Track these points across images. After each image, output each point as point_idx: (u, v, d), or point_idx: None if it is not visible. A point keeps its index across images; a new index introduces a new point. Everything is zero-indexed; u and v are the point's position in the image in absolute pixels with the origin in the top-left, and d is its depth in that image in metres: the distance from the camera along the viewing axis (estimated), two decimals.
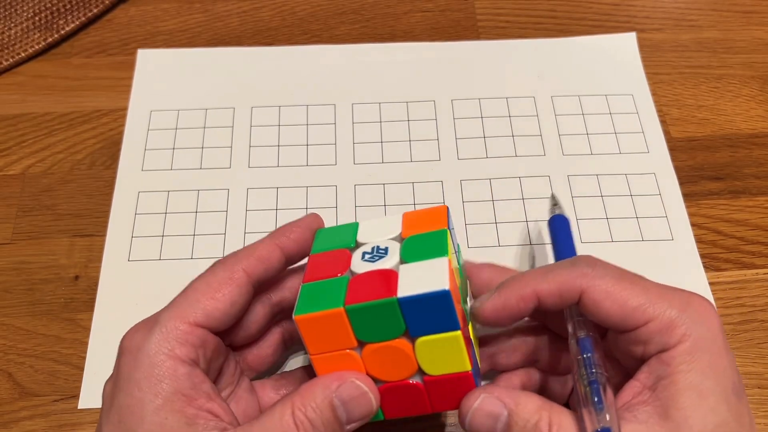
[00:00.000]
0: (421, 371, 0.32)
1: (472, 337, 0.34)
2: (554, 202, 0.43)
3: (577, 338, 0.32)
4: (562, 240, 0.41)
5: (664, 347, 0.30)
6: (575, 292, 0.31)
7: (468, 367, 0.32)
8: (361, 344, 0.32)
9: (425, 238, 0.34)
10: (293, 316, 0.31)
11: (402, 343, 0.31)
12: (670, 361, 0.30)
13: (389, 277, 0.31)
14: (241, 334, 0.36)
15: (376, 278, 0.32)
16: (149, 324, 0.32)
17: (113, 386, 0.31)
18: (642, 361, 0.31)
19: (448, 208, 0.36)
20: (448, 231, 0.34)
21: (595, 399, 0.29)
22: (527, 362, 0.37)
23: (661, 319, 0.30)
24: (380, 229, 0.35)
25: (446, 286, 0.30)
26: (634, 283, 0.31)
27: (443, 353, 0.31)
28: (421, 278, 0.31)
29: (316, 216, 0.37)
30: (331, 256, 0.34)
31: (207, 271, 0.34)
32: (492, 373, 0.38)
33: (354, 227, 0.36)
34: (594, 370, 0.31)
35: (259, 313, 0.36)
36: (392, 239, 0.34)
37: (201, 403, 0.30)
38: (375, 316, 0.31)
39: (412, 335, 0.31)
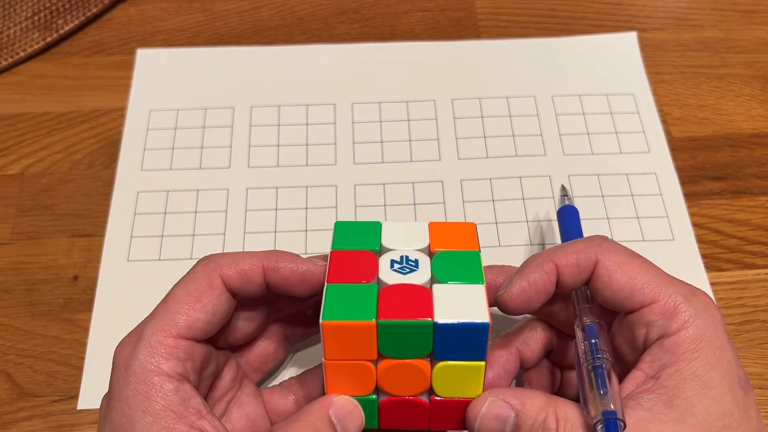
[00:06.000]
0: (430, 390, 0.32)
1: None
2: (564, 193, 0.43)
3: (582, 325, 0.33)
4: (571, 229, 0.40)
5: (666, 332, 0.30)
6: (591, 262, 0.32)
7: (480, 393, 0.32)
8: (380, 357, 0.31)
9: (457, 257, 0.33)
10: (320, 320, 0.30)
11: (422, 363, 0.31)
12: (674, 349, 0.30)
13: (423, 296, 0.31)
14: (236, 335, 0.35)
15: (408, 294, 0.31)
16: (134, 337, 0.31)
17: (107, 403, 0.31)
18: (643, 351, 0.31)
19: (476, 225, 0.35)
20: (481, 254, 0.33)
21: (599, 383, 0.30)
22: (546, 353, 0.37)
23: (666, 302, 0.31)
24: (406, 236, 0.34)
25: (486, 319, 0.30)
26: (645, 263, 0.32)
27: (461, 379, 0.31)
28: (459, 305, 0.30)
29: (319, 269, 0.33)
30: (356, 257, 0.33)
31: (188, 274, 0.33)
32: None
33: (377, 227, 0.35)
34: (599, 356, 0.31)
35: (254, 311, 0.35)
36: (420, 250, 0.34)
37: (191, 420, 0.30)
38: (405, 335, 0.30)
39: (435, 358, 0.31)
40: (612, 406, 0.28)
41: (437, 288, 0.32)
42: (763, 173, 0.48)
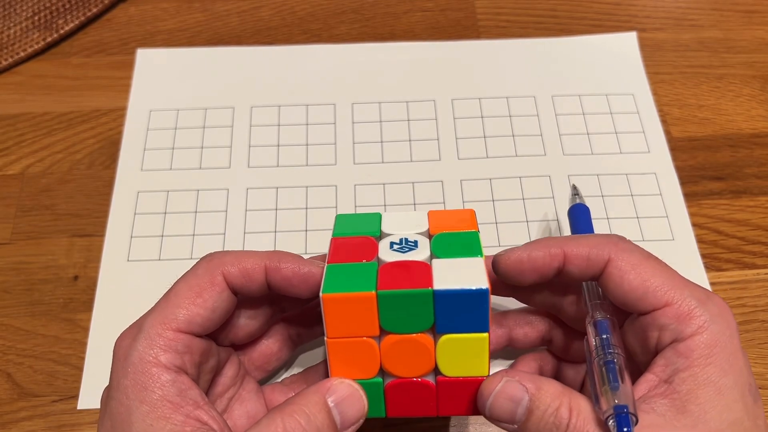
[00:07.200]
0: (436, 371, 0.32)
1: None
2: (575, 192, 0.43)
3: (594, 321, 0.32)
4: (582, 227, 0.40)
5: (680, 336, 0.30)
6: (602, 259, 0.32)
7: (486, 372, 0.31)
8: (383, 334, 0.31)
9: (456, 237, 0.33)
10: (320, 294, 0.30)
11: (424, 338, 0.31)
12: (689, 354, 0.30)
13: (423, 269, 0.31)
14: (238, 333, 0.35)
15: (408, 268, 0.31)
16: (135, 330, 0.31)
17: (107, 393, 0.31)
18: (655, 353, 0.31)
19: (474, 211, 0.35)
20: (479, 233, 0.34)
21: (611, 378, 0.29)
22: (542, 342, 0.37)
23: (680, 305, 0.30)
24: (406, 223, 0.35)
25: (485, 285, 0.30)
26: (661, 265, 0.32)
27: (465, 354, 0.31)
28: (458, 274, 0.31)
29: (320, 271, 0.33)
30: (356, 241, 0.33)
31: (191, 269, 0.33)
32: (507, 354, 0.38)
33: (377, 217, 0.35)
34: (611, 351, 0.31)
35: (257, 310, 0.35)
36: (420, 234, 0.34)
37: (188, 410, 0.30)
38: (405, 306, 0.30)
39: (437, 331, 0.31)
40: (624, 401, 0.28)
41: (436, 262, 0.32)
42: (763, 173, 0.48)
